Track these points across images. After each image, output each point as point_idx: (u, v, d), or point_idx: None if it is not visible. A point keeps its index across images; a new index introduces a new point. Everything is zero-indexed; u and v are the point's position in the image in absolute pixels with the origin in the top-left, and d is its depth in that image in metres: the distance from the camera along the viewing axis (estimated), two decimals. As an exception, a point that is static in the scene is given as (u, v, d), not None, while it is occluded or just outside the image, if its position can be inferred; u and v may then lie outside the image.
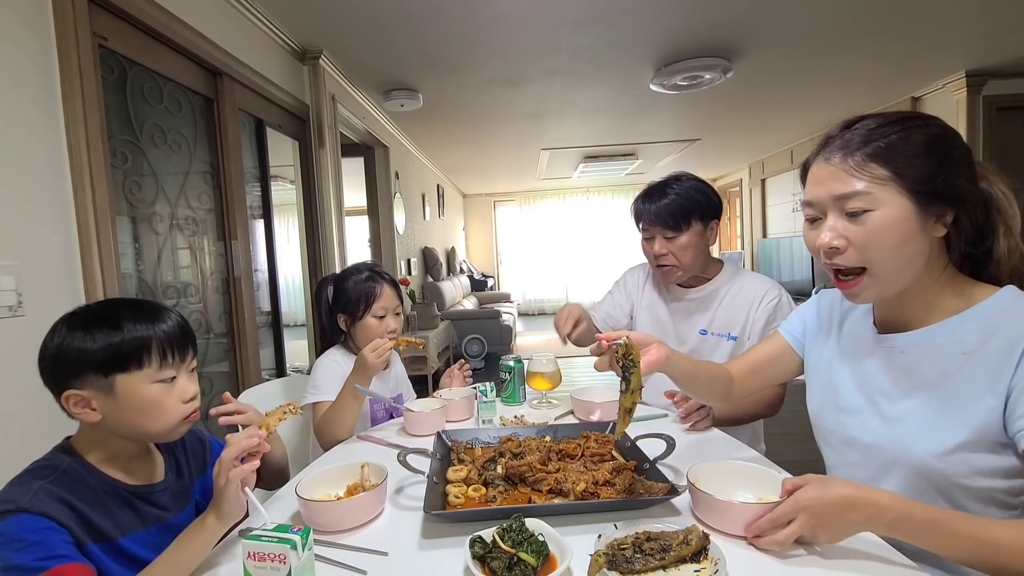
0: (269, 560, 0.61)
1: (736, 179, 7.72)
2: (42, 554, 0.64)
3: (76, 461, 0.76)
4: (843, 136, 0.74)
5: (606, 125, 4.65)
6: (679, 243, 1.34)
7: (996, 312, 0.71)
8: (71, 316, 0.77)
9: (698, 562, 0.66)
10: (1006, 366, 0.67)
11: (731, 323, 1.40)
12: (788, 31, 2.76)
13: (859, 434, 0.83)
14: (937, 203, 0.70)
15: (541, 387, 1.45)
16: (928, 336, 0.76)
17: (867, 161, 0.71)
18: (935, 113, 3.69)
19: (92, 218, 1.33)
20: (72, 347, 0.74)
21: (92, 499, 0.74)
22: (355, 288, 1.38)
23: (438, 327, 4.56)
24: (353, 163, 3.94)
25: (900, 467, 0.76)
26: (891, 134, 0.71)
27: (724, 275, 1.44)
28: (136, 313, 0.77)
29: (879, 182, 0.70)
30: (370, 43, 2.65)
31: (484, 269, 8.92)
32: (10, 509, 0.66)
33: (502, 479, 0.91)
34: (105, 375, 0.74)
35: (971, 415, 0.70)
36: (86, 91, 1.33)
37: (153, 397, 0.77)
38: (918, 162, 0.70)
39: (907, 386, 0.77)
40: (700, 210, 1.34)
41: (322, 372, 1.36)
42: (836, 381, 0.88)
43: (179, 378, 0.80)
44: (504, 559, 0.64)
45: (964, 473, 0.71)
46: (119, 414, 0.76)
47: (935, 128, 0.73)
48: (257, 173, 2.39)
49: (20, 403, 1.15)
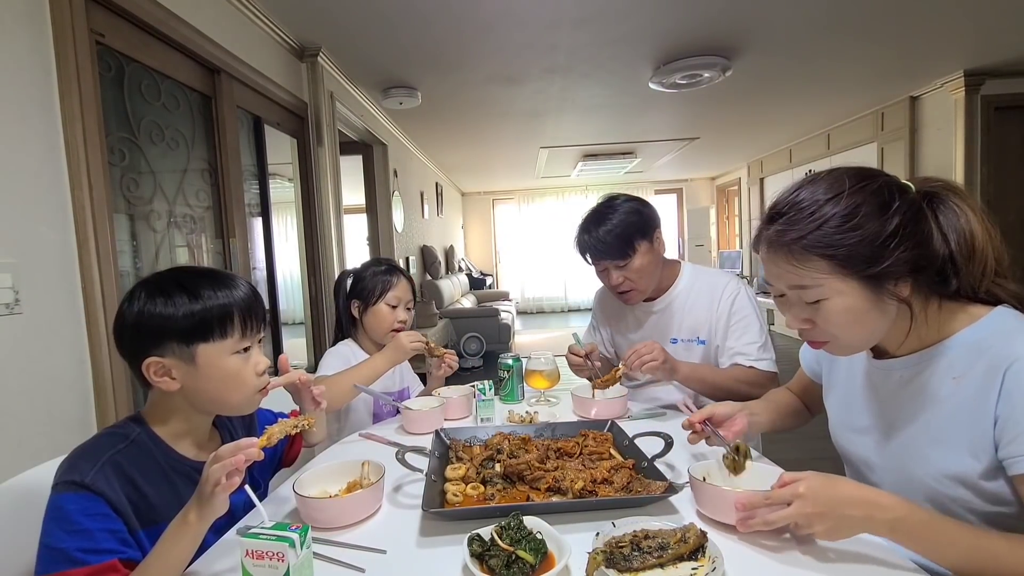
0: (267, 558, 0.61)
1: (735, 178, 7.73)
2: (86, 545, 0.66)
3: (146, 432, 0.78)
4: (781, 223, 0.72)
5: (605, 123, 4.64)
6: (633, 268, 1.34)
7: (981, 336, 0.70)
8: (147, 283, 0.77)
9: (696, 560, 0.66)
10: (991, 391, 0.66)
11: (697, 327, 1.40)
12: (787, 30, 2.76)
13: (870, 455, 0.83)
14: (888, 278, 0.69)
15: (539, 385, 1.45)
16: (919, 361, 0.75)
17: (805, 256, 0.70)
18: (934, 112, 3.67)
19: (89, 215, 1.33)
20: (154, 313, 0.74)
21: (156, 474, 0.76)
22: (372, 277, 1.44)
23: (436, 325, 4.56)
24: (352, 161, 3.93)
25: (908, 489, 0.75)
26: (824, 221, 0.68)
27: (683, 279, 1.44)
28: (214, 282, 0.78)
29: (821, 277, 0.70)
30: (369, 40, 2.64)
31: (483, 267, 8.91)
32: (75, 481, 0.68)
33: (500, 477, 0.91)
34: (188, 344, 0.75)
35: (967, 439, 0.69)
36: (83, 88, 1.32)
37: (232, 368, 0.78)
38: (856, 249, 0.67)
39: (906, 410, 0.77)
40: (640, 229, 1.34)
41: (331, 359, 1.41)
42: (848, 401, 0.89)
43: (252, 349, 0.81)
44: (502, 557, 0.64)
45: (965, 497, 0.70)
46: (198, 384, 0.77)
47: (869, 202, 0.68)
48: (255, 171, 2.38)
49: (18, 401, 1.15)
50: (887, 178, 0.71)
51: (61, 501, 0.68)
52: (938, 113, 3.92)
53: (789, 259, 0.71)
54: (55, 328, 1.25)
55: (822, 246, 0.69)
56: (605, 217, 1.34)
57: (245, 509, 0.86)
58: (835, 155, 5.12)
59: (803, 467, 0.76)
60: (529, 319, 8.55)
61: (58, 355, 1.25)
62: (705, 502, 0.78)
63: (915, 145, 4.15)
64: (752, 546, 0.71)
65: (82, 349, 1.32)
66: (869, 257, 0.67)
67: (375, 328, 1.43)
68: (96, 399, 1.34)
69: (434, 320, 4.58)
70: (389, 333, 1.42)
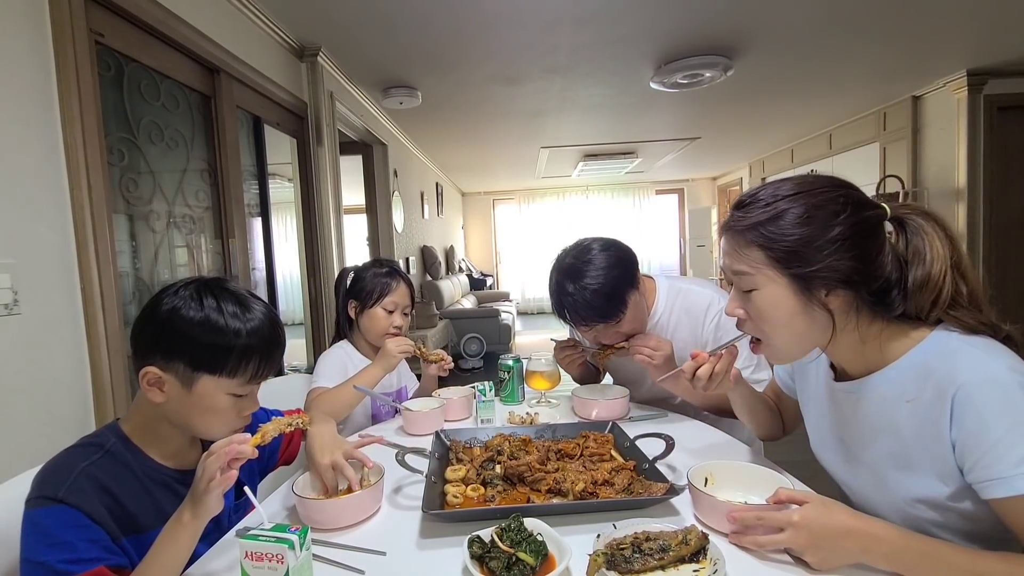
0: (267, 560, 0.60)
1: (736, 178, 7.72)
2: (69, 556, 0.65)
3: (122, 442, 0.77)
4: (740, 212, 0.75)
5: (606, 123, 4.64)
6: (624, 325, 1.22)
7: (924, 359, 0.69)
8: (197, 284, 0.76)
9: (697, 562, 0.66)
10: (943, 417, 0.65)
11: (684, 349, 1.26)
12: (789, 29, 2.76)
13: (843, 476, 0.83)
14: (818, 284, 0.69)
15: (540, 386, 1.45)
16: (874, 385, 0.74)
17: (748, 244, 0.73)
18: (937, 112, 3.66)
19: (88, 216, 1.32)
20: (185, 319, 0.72)
21: (133, 485, 0.74)
22: (372, 279, 1.43)
23: (436, 326, 4.56)
24: (351, 161, 3.93)
25: (883, 510, 0.75)
26: (772, 216, 0.70)
27: (660, 301, 1.32)
28: (249, 326, 0.75)
29: (756, 266, 0.72)
30: (369, 40, 2.64)
31: (483, 268, 8.91)
32: (49, 497, 0.67)
33: (501, 479, 0.91)
34: (194, 369, 0.73)
35: (930, 464, 0.68)
36: (82, 88, 1.32)
37: (222, 406, 0.76)
38: (791, 247, 0.69)
39: (866, 434, 0.76)
40: (627, 283, 1.20)
41: (326, 362, 1.39)
42: (818, 421, 0.88)
43: (248, 395, 0.79)
44: (503, 559, 0.64)
45: (940, 518, 0.69)
46: (182, 407, 0.76)
47: (821, 208, 0.69)
48: (255, 171, 2.38)
49: (16, 401, 1.14)
50: (853, 192, 0.72)
51: (36, 516, 0.66)
52: (941, 113, 3.92)
53: (736, 245, 0.74)
54: (54, 329, 1.25)
55: (763, 236, 0.71)
56: (583, 272, 1.18)
57: (231, 516, 0.86)
58: (837, 155, 5.11)
59: (804, 469, 0.75)
60: (530, 320, 8.56)
61: (57, 356, 1.25)
62: (702, 509, 0.78)
63: (917, 145, 4.14)
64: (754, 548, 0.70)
65: (81, 350, 1.31)
66: (802, 257, 0.69)
67: (369, 331, 1.42)
68: (95, 400, 1.34)
69: (434, 321, 4.58)
70: (383, 337, 1.40)
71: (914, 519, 0.71)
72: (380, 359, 1.30)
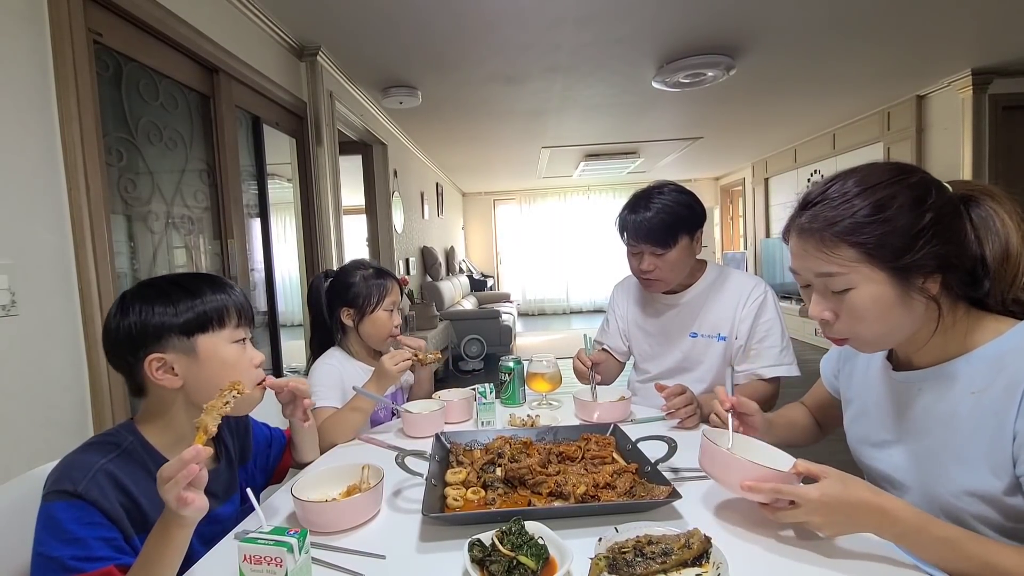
0: (265, 563, 0.60)
1: (739, 178, 7.71)
2: (80, 553, 0.66)
3: (138, 441, 0.78)
4: (812, 211, 0.72)
5: (607, 123, 4.63)
6: (668, 259, 1.33)
7: (1002, 351, 0.69)
8: (144, 288, 0.81)
9: (699, 566, 0.65)
10: (1011, 408, 0.65)
11: (719, 324, 1.40)
12: (792, 28, 2.75)
13: (891, 471, 0.82)
14: (917, 272, 0.68)
15: (541, 388, 1.44)
16: (938, 375, 0.74)
17: (837, 242, 0.69)
18: (941, 111, 3.66)
19: (86, 216, 1.32)
20: (153, 313, 0.77)
21: (148, 484, 0.73)
22: (365, 283, 1.38)
23: (437, 327, 4.55)
24: (351, 161, 3.93)
25: (929, 506, 0.74)
26: (857, 210, 0.68)
27: (708, 276, 1.44)
28: (211, 284, 0.84)
29: (851, 264, 0.69)
30: (369, 39, 2.64)
31: (484, 269, 8.91)
32: (67, 490, 0.68)
33: (501, 481, 0.90)
34: (188, 336, 0.78)
35: (987, 457, 0.68)
36: (81, 88, 1.31)
37: (232, 356, 0.82)
38: (887, 239, 0.67)
39: (925, 424, 0.76)
40: (687, 224, 1.32)
41: (322, 377, 1.33)
42: (866, 415, 0.88)
43: (247, 343, 0.86)
44: (503, 562, 0.63)
45: (985, 513, 0.69)
46: (200, 374, 0.79)
47: (903, 195, 0.68)
48: (254, 171, 2.37)
49: (14, 403, 1.14)
50: (924, 175, 0.71)
51: (53, 510, 0.67)
52: (945, 112, 3.90)
53: (819, 246, 0.71)
54: (52, 330, 1.24)
55: (853, 233, 0.68)
56: (654, 200, 1.31)
57: (235, 520, 0.86)
58: (840, 155, 5.10)
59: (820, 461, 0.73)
60: (530, 321, 8.54)
61: (55, 357, 1.24)
62: (714, 466, 0.77)
63: (922, 145, 4.13)
64: (757, 550, 0.70)
65: (79, 351, 1.31)
66: (899, 248, 0.67)
67: (373, 336, 1.39)
68: (92, 401, 1.33)
69: (434, 322, 4.57)
70: (387, 340, 1.39)
71: (957, 512, 0.71)
72: (378, 379, 1.25)
